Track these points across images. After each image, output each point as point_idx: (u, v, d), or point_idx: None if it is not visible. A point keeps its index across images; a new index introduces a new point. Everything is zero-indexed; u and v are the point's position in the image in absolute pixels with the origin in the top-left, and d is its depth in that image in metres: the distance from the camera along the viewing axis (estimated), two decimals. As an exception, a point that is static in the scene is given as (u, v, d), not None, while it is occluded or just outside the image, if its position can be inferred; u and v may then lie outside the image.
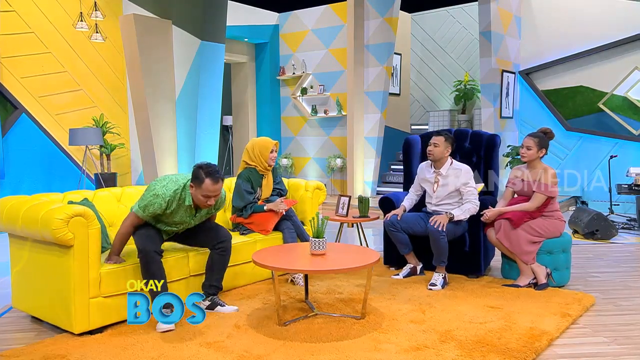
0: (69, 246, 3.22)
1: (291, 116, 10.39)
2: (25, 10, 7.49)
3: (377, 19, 8.60)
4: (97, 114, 8.28)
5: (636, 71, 8.26)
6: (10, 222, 3.50)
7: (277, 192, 4.60)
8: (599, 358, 2.97)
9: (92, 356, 2.98)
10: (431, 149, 4.30)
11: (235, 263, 4.13)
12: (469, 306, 3.70)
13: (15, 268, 3.68)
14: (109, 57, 8.50)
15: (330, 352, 2.96)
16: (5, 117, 7.33)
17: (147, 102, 7.38)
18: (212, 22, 7.91)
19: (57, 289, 3.33)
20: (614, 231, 6.33)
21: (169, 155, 7.79)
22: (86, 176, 8.06)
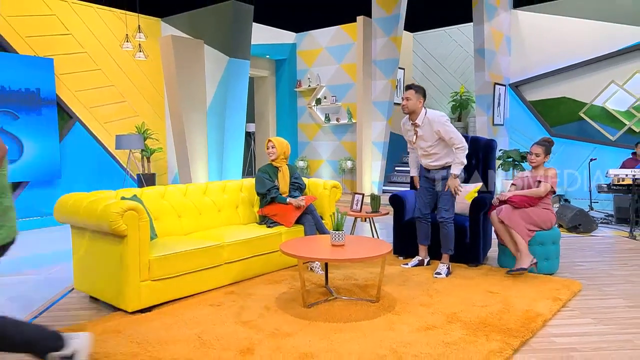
0: (123, 236, 3.28)
1: (307, 123, 10.41)
2: (79, 33, 7.58)
3: (384, 37, 8.59)
4: (139, 122, 8.34)
5: (613, 84, 8.22)
6: (72, 216, 3.56)
7: (296, 186, 4.62)
8: (587, 337, 2.97)
9: (143, 332, 3.02)
10: (404, 102, 4.10)
11: (264, 252, 4.18)
12: (471, 291, 3.70)
13: (77, 255, 3.73)
14: (149, 73, 8.57)
15: (351, 331, 2.98)
16: (62, 125, 7.43)
17: (182, 112, 7.45)
18: (239, 41, 7.94)
19: (113, 273, 3.38)
20: (594, 225, 6.29)
21: (201, 158, 7.85)
22: (129, 176, 8.14)
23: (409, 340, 2.82)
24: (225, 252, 3.87)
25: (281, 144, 4.56)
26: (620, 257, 4.96)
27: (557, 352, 2.77)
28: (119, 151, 8.09)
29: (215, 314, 3.29)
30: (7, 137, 6.68)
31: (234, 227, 4.38)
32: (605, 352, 2.77)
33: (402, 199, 4.66)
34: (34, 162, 6.93)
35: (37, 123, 6.93)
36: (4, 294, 3.98)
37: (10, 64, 6.64)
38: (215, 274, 3.81)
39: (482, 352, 2.66)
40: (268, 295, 3.67)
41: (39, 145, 6.96)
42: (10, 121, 6.68)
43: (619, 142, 8.18)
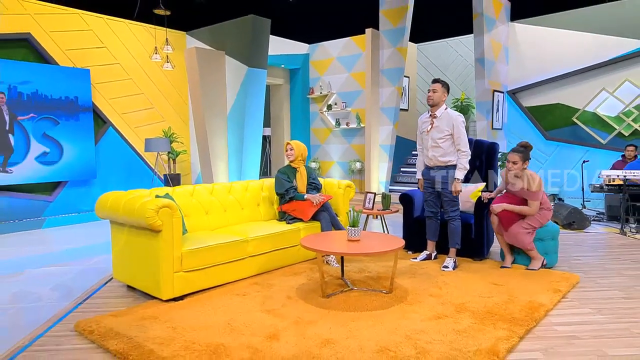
0: (158, 231, 3.31)
1: (319, 128, 10.42)
2: (113, 46, 7.65)
3: (390, 48, 8.56)
4: (166, 127, 8.40)
5: (603, 91, 8.16)
6: (112, 212, 3.60)
7: (313, 187, 4.62)
8: (587, 325, 2.96)
9: (177, 318, 3.05)
10: (431, 94, 4.06)
11: (284, 246, 4.18)
12: (477, 283, 3.68)
13: (116, 248, 3.77)
14: (174, 82, 8.62)
15: (367, 319, 2.98)
16: (97, 130, 7.50)
17: (205, 117, 7.48)
18: (257, 52, 7.97)
19: (149, 265, 3.41)
20: (587, 222, 6.25)
21: (221, 159, 7.88)
22: (157, 176, 8.21)
23: (421, 328, 2.82)
24: (250, 246, 3.88)
25: (299, 147, 4.56)
26: (614, 252, 4.92)
27: (559, 339, 2.76)
28: (147, 153, 8.17)
29: (241, 303, 3.31)
30: (49, 140, 6.75)
31: (256, 224, 4.39)
32: (604, 340, 2.76)
33: (411, 197, 4.65)
34: (72, 164, 7.00)
35: (75, 128, 7.00)
36: (49, 283, 4.03)
37: (52, 75, 6.71)
38: (241, 266, 3.83)
39: (490, 339, 2.66)
40: (289, 286, 3.68)
41: (76, 148, 7.03)
42: (51, 126, 6.75)
43: (610, 145, 8.12)
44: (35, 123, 6.58)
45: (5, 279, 4.18)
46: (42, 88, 6.59)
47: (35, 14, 6.73)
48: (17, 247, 5.44)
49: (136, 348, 2.62)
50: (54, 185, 7.04)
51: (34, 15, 6.72)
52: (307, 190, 4.55)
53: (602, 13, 8.00)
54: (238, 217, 4.50)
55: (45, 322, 3.17)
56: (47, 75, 6.65)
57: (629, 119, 7.93)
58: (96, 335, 2.83)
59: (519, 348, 2.64)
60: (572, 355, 2.58)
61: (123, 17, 7.71)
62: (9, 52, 6.46)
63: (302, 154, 4.57)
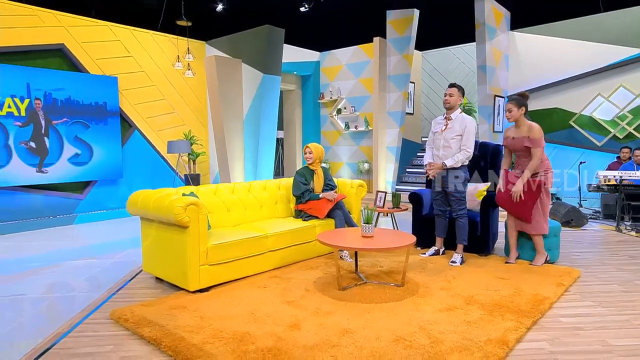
0: (185, 227, 3.33)
1: (329, 130, 10.41)
2: (139, 55, 7.70)
3: (397, 55, 8.55)
4: (186, 130, 8.43)
5: (599, 96, 8.09)
6: (143, 209, 3.63)
7: (329, 187, 4.61)
8: (590, 317, 2.95)
9: (203, 308, 3.07)
10: (447, 98, 4.06)
11: (301, 242, 4.19)
12: (484, 277, 3.66)
13: (145, 242, 3.80)
14: (194, 88, 8.66)
15: (382, 310, 2.98)
16: (124, 133, 7.55)
17: (223, 121, 7.50)
18: (272, 60, 7.98)
19: (177, 258, 3.43)
20: (585, 220, 6.20)
21: (238, 161, 7.90)
22: (178, 176, 8.25)
23: (434, 319, 2.82)
24: (269, 241, 3.90)
25: (317, 150, 4.54)
26: (611, 248, 4.88)
27: (564, 330, 2.75)
28: (169, 155, 8.20)
29: (263, 295, 3.32)
30: (81, 143, 6.81)
31: (274, 221, 4.40)
32: (607, 331, 2.74)
33: (420, 196, 4.63)
34: (101, 164, 7.06)
35: (104, 131, 7.05)
36: (82, 275, 4.08)
37: (83, 82, 6.77)
38: (261, 260, 3.84)
39: (499, 330, 2.65)
40: (306, 279, 3.68)
41: (105, 150, 7.08)
42: (82, 130, 6.81)
43: (605, 147, 8.05)
44: (68, 127, 6.64)
45: (42, 270, 4.24)
46: (74, 94, 6.66)
47: (69, 26, 6.80)
48: (52, 242, 5.50)
49: (168, 335, 2.65)
50: (84, 184, 7.11)
51: (67, 27, 6.79)
52: (322, 190, 4.54)
53: (597, 23, 7.95)
54: (257, 215, 4.51)
55: (82, 311, 3.21)
56: (78, 82, 6.71)
57: (623, 122, 7.86)
58: (130, 323, 2.86)
59: (526, 338, 2.63)
60: (577, 345, 2.57)
61: (148, 28, 7.76)
62: (44, 61, 6.54)
63: (320, 157, 4.56)
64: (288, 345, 2.49)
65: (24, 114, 6.16)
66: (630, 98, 7.78)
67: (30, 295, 3.57)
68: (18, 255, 4.82)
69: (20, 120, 6.14)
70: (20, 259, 4.68)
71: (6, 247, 5.23)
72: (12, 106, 6.04)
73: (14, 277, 4.03)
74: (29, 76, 6.17)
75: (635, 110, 7.73)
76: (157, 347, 2.57)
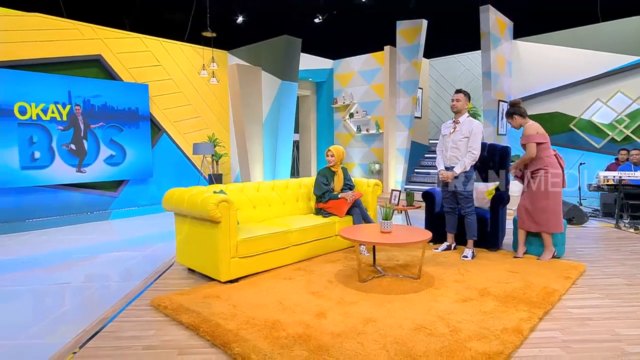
0: (217, 222, 3.36)
1: (342, 133, 10.41)
2: (167, 64, 7.77)
3: (406, 63, 8.52)
4: (210, 133, 8.49)
5: (598, 101, 7.98)
6: (177, 205, 3.67)
7: (348, 187, 4.61)
8: (598, 308, 2.92)
9: (235, 297, 3.10)
10: (454, 103, 4.09)
11: (322, 237, 4.19)
12: (495, 271, 3.64)
13: (179, 236, 3.84)
14: (217, 94, 8.72)
15: (401, 301, 2.98)
16: (153, 136, 7.62)
17: (244, 125, 7.54)
18: (289, 67, 8.00)
19: (209, 251, 3.46)
20: (585, 218, 6.14)
21: (258, 162, 7.94)
22: (202, 176, 8.31)
23: (451, 309, 2.82)
24: (293, 236, 3.91)
25: (338, 152, 4.53)
26: (613, 244, 4.82)
27: (574, 320, 2.73)
28: (195, 156, 8.26)
29: (289, 286, 3.33)
30: (115, 145, 6.91)
31: (296, 217, 4.41)
32: (614, 321, 2.72)
33: (432, 195, 4.61)
34: (133, 165, 7.14)
35: (136, 134, 7.13)
36: (119, 267, 4.14)
37: (117, 89, 6.86)
38: (285, 254, 3.86)
39: (513, 319, 2.64)
40: (328, 271, 3.69)
41: (137, 151, 7.16)
42: (117, 133, 6.91)
43: (604, 149, 7.96)
44: (104, 130, 6.73)
45: (83, 261, 4.31)
46: (109, 101, 6.75)
47: (105, 39, 6.90)
48: (90, 235, 5.59)
49: (205, 322, 2.68)
50: (118, 183, 7.21)
51: (104, 39, 6.89)
52: (342, 190, 4.54)
53: (595, 32, 7.88)
54: (280, 211, 4.53)
55: (122, 298, 3.26)
56: (113, 90, 6.80)
57: (621, 126, 7.76)
58: (169, 310, 2.90)
59: (539, 327, 2.62)
60: (587, 334, 2.55)
61: (176, 39, 7.83)
62: (83, 71, 6.64)
63: (341, 158, 4.56)
64: (316, 332, 2.51)
65: (65, 119, 6.26)
66: (627, 103, 7.68)
67: (74, 283, 3.64)
68: (61, 248, 4.91)
69: (62, 125, 6.25)
70: (63, 251, 4.77)
71: (50, 240, 5.33)
72: (55, 112, 6.15)
73: (59, 267, 4.11)
74: (70, 84, 6.27)
75: (632, 114, 7.63)
76: (195, 333, 2.61)
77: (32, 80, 5.90)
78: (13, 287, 3.55)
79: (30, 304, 3.20)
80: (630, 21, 7.52)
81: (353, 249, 4.43)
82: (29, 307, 3.16)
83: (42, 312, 3.05)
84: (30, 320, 2.91)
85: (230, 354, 2.32)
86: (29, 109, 5.89)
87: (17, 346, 2.54)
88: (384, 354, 2.23)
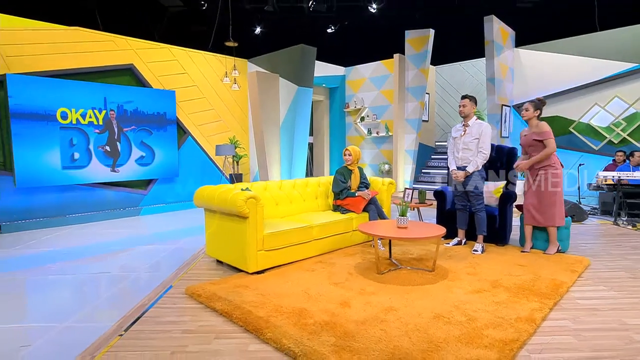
0: (245, 217, 3.38)
1: (353, 136, 10.40)
2: (192, 72, 7.85)
3: (414, 70, 8.50)
4: (231, 135, 8.54)
5: (596, 106, 7.89)
6: (207, 202, 3.70)
7: (364, 185, 4.60)
8: (604, 300, 2.90)
9: (263, 287, 3.11)
10: (461, 108, 4.05)
11: (340, 232, 4.19)
12: (504, 264, 3.61)
13: (209, 230, 3.87)
14: (238, 99, 8.77)
15: (418, 292, 2.98)
16: (179, 138, 7.70)
17: (262, 128, 7.57)
18: (305, 74, 8.01)
19: (237, 244, 3.49)
20: (585, 216, 6.05)
21: (275, 162, 7.96)
22: (223, 175, 8.38)
23: (466, 300, 2.81)
24: (314, 231, 3.92)
25: (355, 152, 4.53)
26: (614, 240, 4.76)
27: (583, 310, 2.71)
28: (217, 157, 8.33)
29: (312, 277, 3.33)
30: (145, 147, 6.99)
31: (316, 213, 4.42)
32: (621, 312, 2.69)
33: (444, 193, 4.59)
34: (161, 165, 7.22)
35: (164, 137, 7.21)
36: (151, 258, 4.19)
37: (147, 96, 6.95)
38: (307, 248, 3.87)
39: (526, 309, 2.63)
40: (347, 264, 3.69)
41: (164, 153, 7.24)
42: (147, 136, 6.99)
43: (601, 151, 7.85)
44: (136, 133, 6.82)
45: (119, 253, 4.38)
46: (140, 106, 6.84)
47: (137, 49, 7.00)
48: (123, 230, 5.67)
49: (237, 309, 2.71)
50: (147, 181, 7.30)
51: (135, 50, 6.98)
52: (358, 188, 4.55)
53: (594, 40, 7.78)
54: (301, 208, 4.54)
55: (157, 287, 3.30)
56: (144, 96, 6.88)
57: (618, 129, 7.66)
58: (203, 298, 2.93)
59: (550, 317, 2.61)
60: (597, 323, 2.53)
61: (200, 49, 7.91)
62: (117, 79, 6.75)
63: (358, 158, 4.56)
64: (342, 319, 2.52)
65: (101, 122, 6.36)
66: (624, 107, 7.58)
67: (112, 273, 3.70)
68: (98, 241, 4.99)
69: (99, 128, 6.35)
70: (100, 243, 4.85)
71: (88, 233, 5.43)
72: (92, 116, 6.25)
73: (97, 258, 4.18)
74: (105, 91, 6.37)
75: (629, 118, 7.53)
76: (228, 319, 2.64)
77: (73, 88, 6.02)
78: (59, 276, 3.62)
79: (75, 291, 3.27)
80: (626, 30, 7.45)
81: (369, 243, 4.44)
82: (74, 293, 3.22)
83: (85, 298, 3.12)
84: (76, 305, 2.97)
85: (263, 339, 2.35)
86: (69, 114, 6.01)
87: (66, 328, 2.60)
88: (406, 340, 2.24)
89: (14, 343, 2.40)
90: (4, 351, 2.31)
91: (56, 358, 2.23)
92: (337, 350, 2.13)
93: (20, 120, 5.57)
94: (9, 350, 2.32)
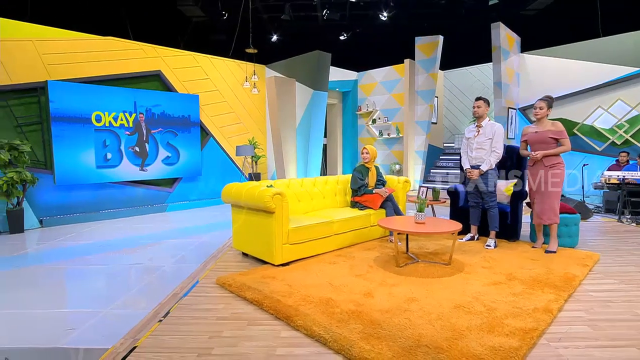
0: (271, 212, 3.40)
1: (365, 137, 10.39)
2: (214, 77, 7.91)
3: (424, 74, 8.46)
4: (250, 137, 8.58)
5: (599, 108, 7.77)
6: (235, 198, 3.73)
7: (380, 183, 4.60)
8: (616, 292, 2.87)
9: (289, 278, 3.13)
10: (476, 109, 4.03)
11: (359, 227, 4.19)
12: (517, 259, 3.59)
13: (236, 224, 3.89)
14: (256, 102, 8.81)
15: (437, 284, 2.97)
16: (202, 139, 7.76)
17: (279, 130, 7.62)
18: (320, 79, 8.03)
19: (264, 237, 3.52)
20: (590, 214, 5.96)
21: (291, 162, 7.99)
22: (243, 174, 8.43)
23: (484, 291, 2.80)
24: (335, 226, 3.93)
25: (372, 151, 4.53)
26: (621, 236, 4.69)
27: (597, 302, 2.69)
28: (237, 157, 8.38)
29: (334, 269, 3.34)
30: (171, 148, 7.08)
31: (335, 209, 4.43)
32: (633, 303, 2.67)
33: (457, 191, 4.57)
34: (185, 164, 7.30)
35: (188, 138, 7.29)
36: (180, 251, 4.22)
37: (173, 99, 7.03)
38: (328, 242, 3.88)
39: (542, 300, 2.62)
40: (367, 257, 3.69)
41: (188, 153, 7.31)
42: (172, 137, 7.08)
43: (605, 152, 7.74)
44: (162, 135, 6.92)
45: (149, 246, 4.43)
46: (167, 109, 6.93)
47: (164, 57, 7.10)
48: (151, 225, 5.74)
49: (267, 298, 2.74)
50: (173, 180, 7.39)
51: (163, 57, 7.08)
52: (375, 185, 4.55)
53: (597, 46, 7.67)
54: (321, 204, 4.56)
55: (188, 277, 3.33)
56: (170, 100, 6.97)
57: (620, 130, 7.54)
58: (234, 288, 2.97)
59: (565, 308, 2.59)
60: (610, 314, 2.51)
61: (222, 56, 7.99)
62: (146, 84, 6.85)
63: (374, 157, 4.57)
64: (367, 309, 2.54)
65: (131, 125, 6.47)
66: (627, 110, 7.46)
67: (144, 264, 3.75)
68: (130, 235, 5.08)
69: (129, 130, 6.46)
70: (132, 237, 4.93)
71: (120, 228, 5.52)
72: (123, 119, 6.37)
73: (130, 250, 4.25)
74: (135, 95, 6.48)
75: (632, 120, 7.42)
76: (259, 307, 2.67)
77: (106, 93, 6.13)
78: (96, 266, 3.70)
79: (112, 280, 3.33)
80: (628, 36, 7.35)
81: (386, 238, 4.44)
82: (111, 282, 3.29)
83: (122, 287, 3.18)
84: (114, 293, 3.03)
85: (293, 326, 2.37)
86: (103, 117, 6.12)
87: (107, 315, 2.65)
88: (430, 328, 2.25)
89: (60, 326, 2.47)
90: (53, 334, 2.38)
91: (100, 341, 2.29)
92: (366, 337, 2.15)
93: (59, 123, 5.70)
94: (56, 333, 2.39)
